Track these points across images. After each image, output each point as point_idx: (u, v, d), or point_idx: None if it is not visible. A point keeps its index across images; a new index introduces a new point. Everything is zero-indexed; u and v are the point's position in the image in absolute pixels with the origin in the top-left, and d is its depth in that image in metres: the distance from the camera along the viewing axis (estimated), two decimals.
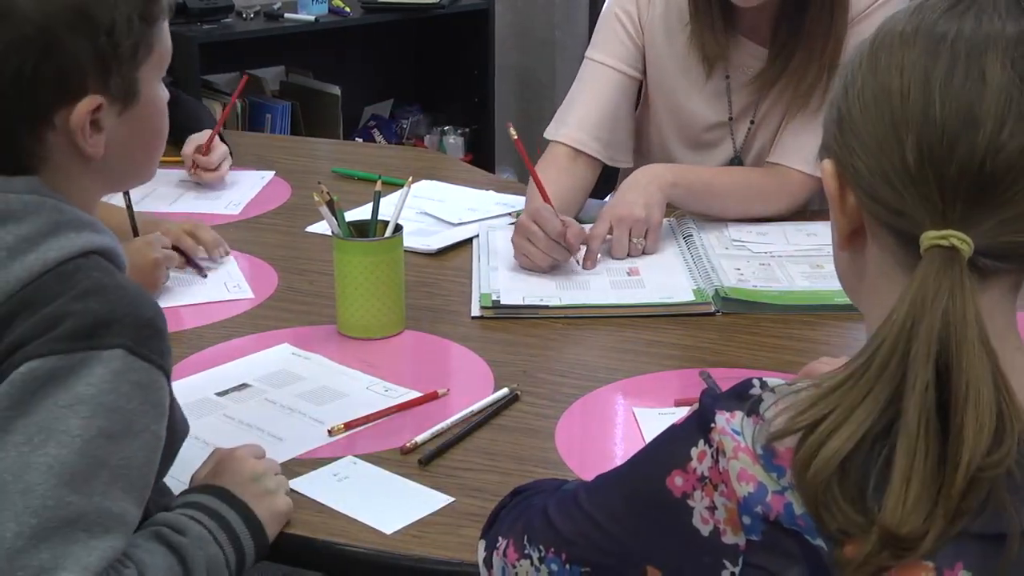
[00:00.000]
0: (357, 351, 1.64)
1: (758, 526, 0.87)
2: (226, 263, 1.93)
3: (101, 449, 1.03)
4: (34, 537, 0.99)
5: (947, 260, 0.84)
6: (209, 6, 3.59)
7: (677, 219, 2.06)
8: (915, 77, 0.87)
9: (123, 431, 1.05)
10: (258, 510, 1.21)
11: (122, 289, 1.10)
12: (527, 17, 4.31)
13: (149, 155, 1.23)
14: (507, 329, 1.73)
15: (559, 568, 1.00)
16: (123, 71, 1.15)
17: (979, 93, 0.85)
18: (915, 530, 0.81)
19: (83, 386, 1.04)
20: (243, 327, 1.73)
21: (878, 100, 0.89)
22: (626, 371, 1.60)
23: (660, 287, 1.82)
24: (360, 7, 3.87)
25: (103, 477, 1.03)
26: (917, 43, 0.88)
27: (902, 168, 0.86)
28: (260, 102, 3.84)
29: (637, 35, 2.13)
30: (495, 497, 1.30)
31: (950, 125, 0.85)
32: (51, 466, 1.01)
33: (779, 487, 0.86)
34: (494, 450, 1.41)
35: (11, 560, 0.98)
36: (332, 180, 2.30)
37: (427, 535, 1.25)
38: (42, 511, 0.99)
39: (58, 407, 1.02)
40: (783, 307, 1.76)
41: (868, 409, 0.84)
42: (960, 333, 0.83)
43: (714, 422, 0.89)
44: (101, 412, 1.04)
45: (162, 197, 2.26)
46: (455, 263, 1.96)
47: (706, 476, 0.90)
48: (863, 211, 0.91)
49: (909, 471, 0.82)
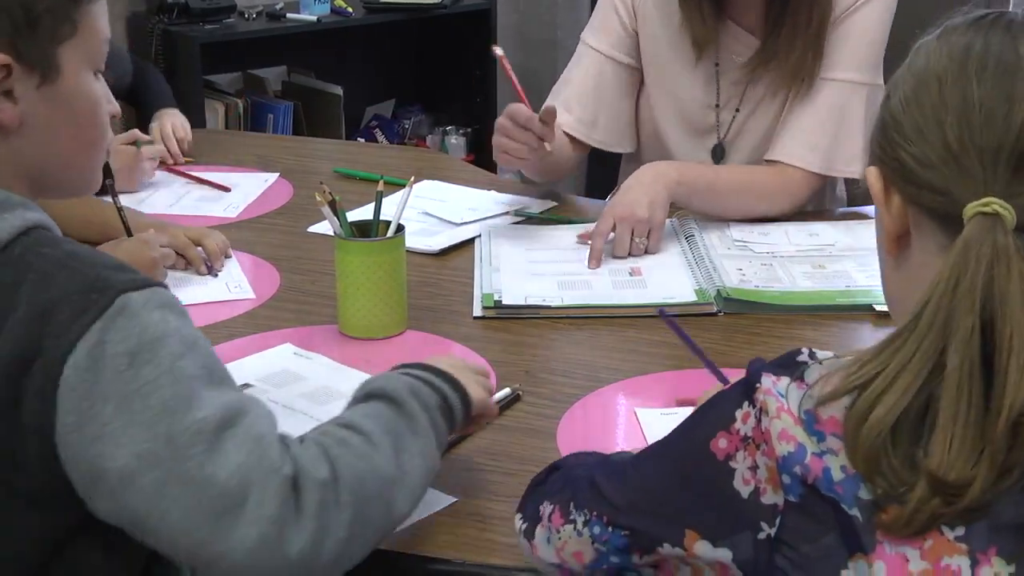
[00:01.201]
0: (359, 351, 1.64)
1: (796, 487, 0.90)
2: (228, 263, 1.93)
3: (192, 368, 1.04)
4: (219, 427, 1.03)
5: (990, 225, 0.88)
6: (211, 6, 3.60)
7: (679, 219, 2.06)
8: (952, 66, 0.93)
9: (191, 345, 1.06)
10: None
11: (76, 254, 1.08)
12: (529, 17, 4.31)
13: (78, 147, 1.19)
14: (509, 329, 1.73)
15: (601, 531, 1.03)
16: (37, 38, 1.12)
17: (1014, 74, 0.90)
18: (962, 475, 0.85)
19: (117, 345, 1.02)
20: (245, 327, 1.73)
21: (917, 91, 0.94)
22: (628, 371, 1.60)
23: (662, 287, 1.82)
24: (362, 7, 3.87)
25: (215, 380, 1.06)
26: (952, 41, 0.94)
27: (943, 148, 0.91)
28: (262, 102, 3.85)
29: (630, 20, 2.17)
30: (497, 497, 1.31)
31: (988, 103, 0.90)
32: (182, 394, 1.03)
33: (819, 450, 0.90)
34: (496, 450, 1.41)
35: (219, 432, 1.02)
36: (334, 180, 2.31)
37: (430, 535, 1.25)
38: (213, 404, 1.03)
39: (122, 372, 1.02)
40: (785, 307, 1.76)
41: (917, 367, 0.87)
42: (1003, 286, 0.87)
43: (759, 383, 0.93)
44: (161, 345, 1.03)
45: (164, 199, 2.26)
46: (457, 263, 1.96)
47: (749, 436, 0.93)
48: (908, 206, 0.95)
49: (954, 417, 0.85)
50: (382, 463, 1.11)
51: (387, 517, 1.11)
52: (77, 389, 1.00)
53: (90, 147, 1.20)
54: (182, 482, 1.01)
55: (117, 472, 1.01)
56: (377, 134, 4.18)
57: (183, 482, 1.01)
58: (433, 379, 1.25)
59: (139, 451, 1.01)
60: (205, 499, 1.01)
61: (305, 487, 1.04)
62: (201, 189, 2.31)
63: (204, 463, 1.01)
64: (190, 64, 3.50)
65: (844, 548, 0.89)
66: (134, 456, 1.00)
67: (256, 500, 1.01)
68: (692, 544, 0.97)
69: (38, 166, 1.16)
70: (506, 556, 1.23)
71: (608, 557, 1.04)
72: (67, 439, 1.01)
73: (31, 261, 1.05)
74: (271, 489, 1.02)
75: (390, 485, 1.11)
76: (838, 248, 1.96)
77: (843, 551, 0.89)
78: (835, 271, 1.87)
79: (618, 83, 2.20)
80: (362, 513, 1.07)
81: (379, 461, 1.11)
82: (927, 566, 0.87)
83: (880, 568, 0.88)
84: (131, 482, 1.01)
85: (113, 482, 1.01)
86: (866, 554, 0.88)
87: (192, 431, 1.01)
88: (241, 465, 1.02)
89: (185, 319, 1.08)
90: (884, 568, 0.88)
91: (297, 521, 1.03)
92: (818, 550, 0.90)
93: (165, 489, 1.01)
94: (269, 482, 1.02)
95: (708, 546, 0.96)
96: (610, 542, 1.02)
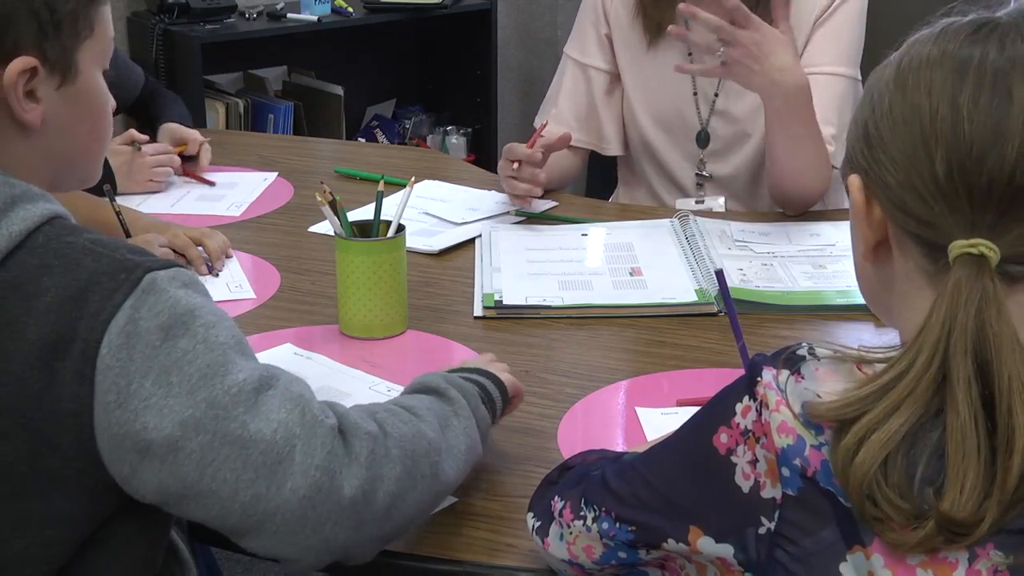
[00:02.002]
0: (359, 351, 1.64)
1: (796, 480, 0.91)
2: (228, 263, 1.93)
3: (224, 336, 1.08)
4: (257, 388, 1.07)
5: (977, 267, 0.89)
6: (212, 6, 3.59)
7: (679, 219, 2.06)
8: (943, 97, 0.91)
9: (220, 317, 1.09)
10: None
11: (99, 241, 1.10)
12: (530, 17, 4.31)
13: (91, 141, 1.22)
14: (510, 329, 1.73)
15: (609, 526, 1.04)
16: (61, 39, 1.14)
17: (1006, 111, 0.89)
18: (971, 516, 0.85)
19: (150, 321, 1.04)
20: (245, 327, 1.72)
21: (907, 119, 0.93)
22: (628, 371, 1.60)
23: (662, 287, 1.82)
24: (363, 7, 3.86)
25: (245, 350, 1.10)
26: (944, 64, 0.92)
27: (931, 181, 0.91)
28: (263, 102, 3.84)
29: (604, 28, 2.25)
30: (497, 497, 1.31)
31: (979, 140, 0.89)
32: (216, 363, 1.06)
33: (817, 442, 0.91)
34: (497, 450, 1.40)
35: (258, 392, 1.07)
36: (335, 180, 2.31)
37: (428, 535, 1.25)
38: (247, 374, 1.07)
39: (158, 347, 1.04)
40: (785, 307, 1.76)
41: (912, 406, 0.88)
42: (995, 330, 0.88)
43: (760, 376, 0.94)
44: (192, 318, 1.06)
45: (164, 199, 2.26)
46: (458, 263, 1.96)
47: (749, 430, 0.94)
48: (890, 223, 0.96)
49: (963, 462, 0.86)
50: (427, 431, 1.17)
51: (435, 479, 1.16)
52: (114, 368, 1.03)
53: (102, 140, 1.24)
54: (228, 442, 1.04)
55: (164, 441, 1.03)
56: (378, 134, 4.18)
57: (229, 442, 1.04)
58: (468, 374, 1.33)
59: (183, 419, 1.03)
60: (254, 455, 1.05)
61: (355, 435, 1.09)
62: (201, 188, 2.31)
63: (248, 422, 1.05)
64: (191, 64, 3.49)
65: (842, 541, 0.90)
66: (178, 424, 1.03)
67: (303, 450, 1.06)
68: (695, 540, 0.98)
69: (57, 161, 1.19)
70: (507, 556, 1.23)
71: (616, 552, 1.05)
72: (109, 418, 1.03)
73: (55, 248, 1.07)
74: (318, 439, 1.06)
75: (437, 450, 1.17)
76: (839, 248, 1.96)
77: (841, 544, 0.90)
78: (835, 271, 1.87)
79: (602, 90, 2.28)
80: (411, 470, 1.13)
81: (425, 428, 1.17)
82: (924, 558, 0.88)
83: (878, 560, 0.88)
84: (180, 449, 1.04)
85: (162, 452, 1.04)
86: (864, 546, 0.89)
87: (232, 393, 1.05)
88: (284, 421, 1.06)
89: (208, 297, 1.11)
90: (882, 560, 0.88)
91: (348, 466, 1.08)
92: (817, 543, 0.91)
93: (213, 451, 1.04)
94: (315, 433, 1.07)
95: (711, 542, 0.97)
96: (617, 537, 1.04)
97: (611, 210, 2.23)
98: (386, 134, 4.19)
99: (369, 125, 4.22)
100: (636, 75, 2.25)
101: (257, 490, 1.05)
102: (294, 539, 1.07)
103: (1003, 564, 0.87)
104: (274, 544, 1.08)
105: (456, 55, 4.20)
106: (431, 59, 4.29)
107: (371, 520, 1.10)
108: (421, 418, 1.18)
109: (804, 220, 2.10)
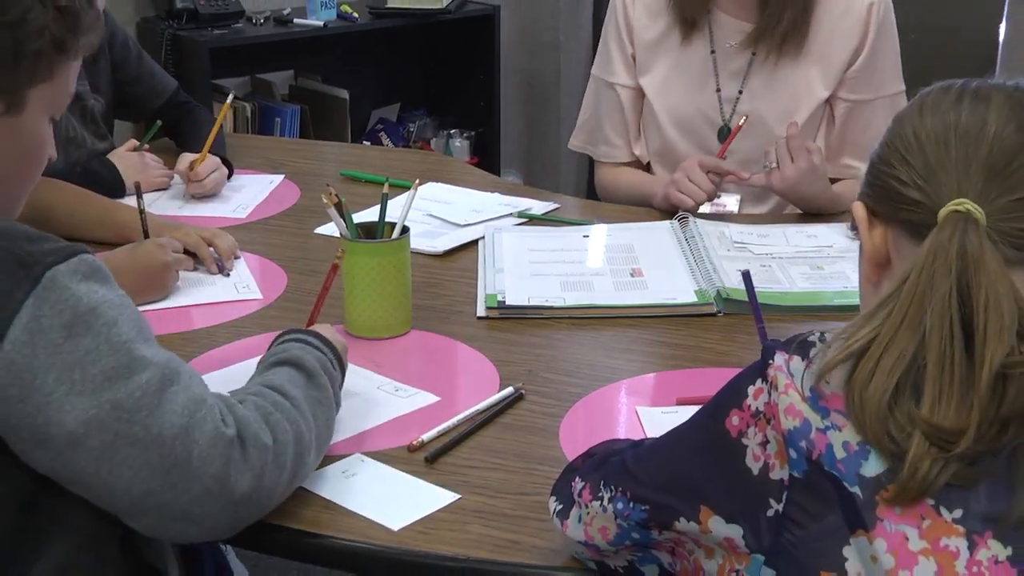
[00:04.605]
0: (364, 351, 1.64)
1: (802, 463, 0.93)
2: (235, 264, 1.93)
3: (127, 332, 1.10)
4: (160, 387, 1.10)
5: (962, 221, 0.93)
6: (220, 11, 3.60)
7: (679, 221, 2.06)
8: (930, 108, 1.01)
9: (120, 310, 1.11)
10: None
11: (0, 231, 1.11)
12: (532, 22, 4.31)
13: (15, 179, 1.21)
14: (512, 329, 1.73)
15: (624, 506, 1.06)
16: (17, 72, 1.15)
17: (985, 110, 0.98)
18: (956, 424, 0.89)
19: (52, 319, 1.07)
20: (253, 327, 1.73)
21: (900, 128, 1.02)
22: (629, 371, 1.60)
23: (663, 288, 1.82)
24: (368, 12, 3.86)
25: (146, 337, 1.13)
26: (930, 97, 1.02)
27: (923, 164, 0.97)
28: (269, 106, 3.84)
29: (628, 41, 2.28)
30: (500, 494, 1.31)
31: (963, 126, 0.97)
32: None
33: (823, 425, 0.93)
34: (499, 448, 1.41)
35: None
36: (340, 183, 2.31)
37: (433, 531, 1.26)
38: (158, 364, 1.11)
39: (60, 344, 1.07)
40: (784, 308, 1.76)
41: (907, 333, 0.92)
42: (976, 256, 0.92)
43: (772, 359, 0.97)
44: (94, 316, 1.09)
45: (174, 200, 2.26)
46: (461, 264, 1.96)
47: (760, 411, 0.96)
48: (888, 228, 1.01)
49: (940, 372, 0.90)
50: (306, 431, 1.23)
51: (304, 472, 1.25)
52: (18, 362, 1.06)
53: (25, 182, 1.24)
54: (130, 443, 1.08)
55: (65, 437, 1.07)
56: (383, 137, 4.18)
57: (131, 443, 1.08)
58: (324, 350, 1.37)
59: (86, 417, 1.07)
60: (153, 457, 1.09)
61: (254, 445, 1.14)
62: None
63: (150, 425, 1.09)
64: (199, 68, 3.49)
65: (846, 526, 0.91)
66: (81, 422, 1.07)
67: (200, 457, 1.10)
68: (707, 520, 0.99)
69: None
70: (509, 552, 1.23)
71: (629, 533, 1.07)
72: (9, 409, 1.06)
73: None
74: (216, 449, 1.11)
75: (312, 447, 1.24)
76: (836, 250, 1.96)
77: (845, 528, 0.91)
78: (833, 272, 1.87)
79: (631, 102, 2.32)
80: (294, 472, 1.21)
81: (303, 429, 1.23)
82: (926, 545, 0.89)
83: (881, 545, 0.89)
84: (79, 445, 1.07)
85: (60, 446, 1.07)
86: (867, 531, 0.90)
87: (136, 396, 1.09)
88: (184, 426, 1.10)
89: (110, 283, 1.13)
90: (885, 545, 0.89)
91: (242, 474, 1.12)
92: (822, 527, 0.92)
93: (114, 449, 1.08)
94: (214, 444, 1.11)
95: (721, 522, 0.98)
96: (631, 517, 1.05)
97: (612, 211, 2.23)
98: (391, 137, 4.19)
99: (374, 128, 4.22)
100: (658, 79, 2.27)
101: (151, 487, 1.09)
102: (175, 527, 1.13)
103: (1004, 555, 0.88)
104: (152, 528, 1.13)
105: (460, 59, 4.20)
106: (435, 63, 4.29)
107: (250, 516, 1.16)
108: (301, 413, 1.24)
109: (802, 222, 2.10)
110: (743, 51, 2.19)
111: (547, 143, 4.38)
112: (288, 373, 1.29)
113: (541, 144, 4.41)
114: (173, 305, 1.80)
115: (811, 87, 2.19)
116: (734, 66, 2.21)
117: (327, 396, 1.31)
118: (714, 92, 2.23)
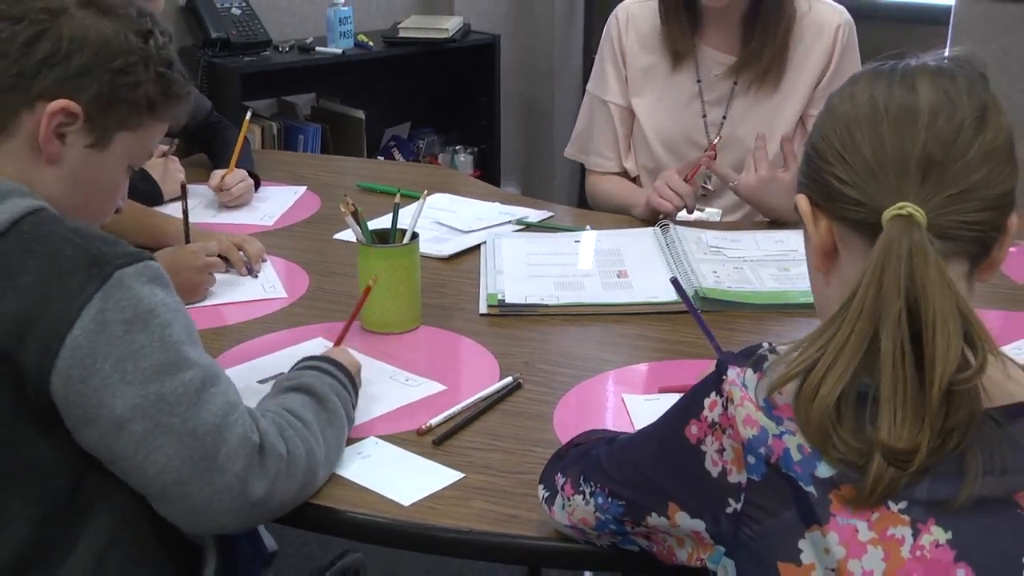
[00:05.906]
0: (379, 344, 1.63)
1: (760, 467, 0.91)
2: (263, 266, 1.93)
3: (178, 334, 1.11)
4: (201, 387, 1.11)
5: (906, 225, 0.88)
6: (250, 40, 3.60)
7: (661, 228, 2.06)
8: (862, 98, 0.94)
9: (175, 313, 1.12)
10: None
11: (78, 230, 1.12)
12: (530, 51, 4.30)
13: (83, 209, 1.22)
14: (511, 325, 1.72)
15: (603, 501, 1.05)
16: (109, 114, 1.17)
17: (915, 96, 0.91)
18: (910, 443, 0.85)
19: (116, 314, 1.07)
20: (279, 323, 1.73)
21: (835, 122, 0.95)
22: (616, 362, 1.59)
23: (646, 288, 1.82)
24: (382, 41, 3.86)
25: (195, 340, 1.15)
26: (861, 79, 0.95)
27: (862, 165, 0.91)
28: (294, 125, 3.84)
29: (620, 63, 2.26)
30: (501, 473, 1.30)
31: (893, 115, 0.90)
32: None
33: (778, 432, 0.90)
34: (499, 431, 1.40)
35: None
36: (357, 193, 2.30)
37: (440, 507, 1.25)
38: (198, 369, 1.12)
39: (120, 337, 1.08)
40: (755, 305, 1.75)
41: (852, 350, 0.87)
42: (923, 273, 0.86)
43: (726, 375, 0.94)
44: (152, 316, 1.10)
45: (207, 209, 2.26)
46: (465, 266, 1.95)
47: (716, 422, 0.94)
48: (833, 223, 0.95)
49: (893, 393, 0.86)
50: (317, 450, 1.23)
51: (312, 486, 1.23)
52: (83, 347, 1.07)
53: (90, 215, 1.24)
54: (167, 432, 1.08)
55: (112, 419, 1.08)
56: (395, 153, 4.17)
57: (168, 432, 1.08)
58: (337, 376, 1.35)
59: (132, 404, 1.08)
60: (186, 448, 1.09)
61: (271, 455, 1.15)
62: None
63: (188, 419, 1.09)
64: (231, 91, 3.49)
65: (801, 522, 0.89)
66: (128, 407, 1.08)
67: (227, 455, 1.10)
68: (674, 515, 0.98)
69: (47, 196, 1.19)
70: (508, 525, 1.22)
71: (607, 524, 1.06)
72: (68, 387, 1.07)
73: (39, 235, 1.10)
74: (242, 450, 1.11)
75: (321, 464, 1.23)
76: (801, 254, 1.92)
77: (800, 524, 0.89)
78: (798, 273, 1.86)
79: (621, 119, 2.30)
80: (304, 485, 1.20)
81: (315, 448, 1.22)
82: (874, 535, 0.87)
83: (833, 538, 0.88)
84: (123, 428, 1.08)
85: (107, 426, 1.08)
86: (821, 525, 0.88)
87: (179, 392, 1.09)
88: (217, 425, 1.10)
89: (169, 290, 1.14)
90: (837, 538, 0.88)
91: (259, 479, 1.12)
92: (778, 523, 0.90)
93: (153, 437, 1.08)
94: (241, 445, 1.12)
95: (686, 517, 0.97)
96: (610, 511, 1.05)
97: (601, 219, 2.23)
98: (402, 153, 4.18)
99: (387, 145, 4.22)
100: (648, 103, 2.25)
101: (180, 476, 1.09)
102: (194, 518, 1.12)
103: (944, 539, 0.86)
104: (174, 515, 1.13)
105: (464, 84, 4.19)
106: (442, 87, 4.29)
107: (260, 517, 1.16)
108: (312, 433, 1.23)
109: (770, 228, 2.09)
110: (726, 80, 2.18)
111: (542, 158, 4.37)
112: (300, 399, 1.27)
113: (537, 159, 4.40)
114: (207, 304, 1.80)
115: (788, 109, 2.18)
116: (718, 94, 2.20)
117: (338, 417, 1.29)
118: (700, 117, 2.22)
